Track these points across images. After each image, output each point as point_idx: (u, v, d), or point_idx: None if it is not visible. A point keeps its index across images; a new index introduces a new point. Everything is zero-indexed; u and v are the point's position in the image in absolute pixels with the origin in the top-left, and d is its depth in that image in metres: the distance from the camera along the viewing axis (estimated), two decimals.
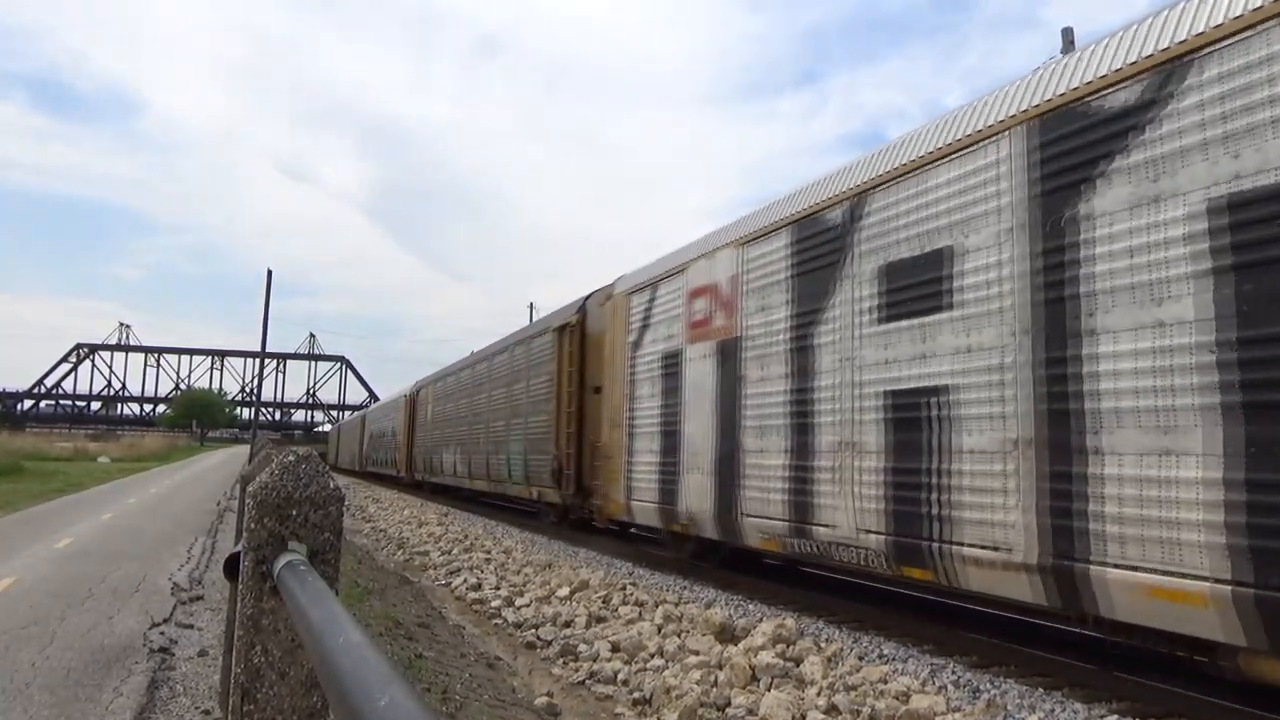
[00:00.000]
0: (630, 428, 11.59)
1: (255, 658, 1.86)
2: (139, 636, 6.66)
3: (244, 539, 1.95)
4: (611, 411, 12.28)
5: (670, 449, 10.44)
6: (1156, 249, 5.09)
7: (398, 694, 0.92)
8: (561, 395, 14.66)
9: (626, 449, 11.65)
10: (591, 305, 14.16)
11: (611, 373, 12.45)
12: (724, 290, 9.55)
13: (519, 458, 16.98)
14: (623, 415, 11.83)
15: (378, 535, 17.22)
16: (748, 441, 8.87)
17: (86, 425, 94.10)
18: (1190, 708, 5.29)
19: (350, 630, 1.20)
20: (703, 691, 5.80)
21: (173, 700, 5.17)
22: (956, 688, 5.86)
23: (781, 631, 6.93)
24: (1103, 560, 5.20)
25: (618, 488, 11.87)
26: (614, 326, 12.51)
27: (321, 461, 2.03)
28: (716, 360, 9.56)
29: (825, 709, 5.51)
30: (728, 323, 9.43)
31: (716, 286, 9.71)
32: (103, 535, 13.35)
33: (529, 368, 16.94)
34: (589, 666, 6.73)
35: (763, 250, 8.91)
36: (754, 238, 9.13)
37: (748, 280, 9.12)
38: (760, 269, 8.93)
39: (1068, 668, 6.11)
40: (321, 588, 1.56)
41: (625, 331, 12.01)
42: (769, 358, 8.63)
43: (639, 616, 8.20)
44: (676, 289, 10.65)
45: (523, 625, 8.21)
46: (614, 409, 12.19)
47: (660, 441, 10.70)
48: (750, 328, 9.00)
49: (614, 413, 12.18)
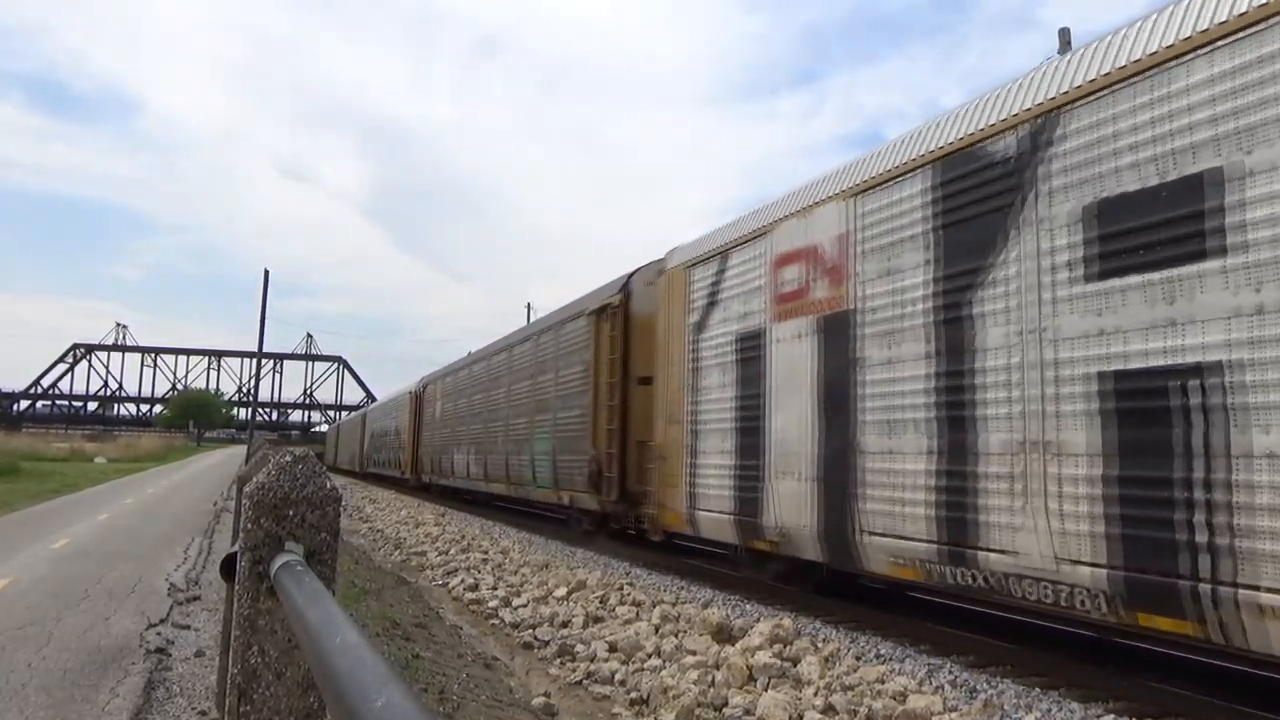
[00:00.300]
0: (693, 424, 9.96)
1: (252, 658, 1.86)
2: (135, 637, 6.65)
3: (241, 539, 1.95)
4: (667, 405, 10.61)
5: (750, 449, 8.80)
6: None
7: (395, 694, 0.92)
8: (600, 387, 12.91)
9: (688, 449, 10.00)
10: (637, 283, 12.47)
11: (666, 360, 10.78)
12: (826, 254, 7.88)
13: (545, 459, 15.16)
14: (682, 409, 10.19)
15: (375, 536, 17.21)
16: (868, 439, 7.19)
17: (83, 426, 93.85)
18: (1188, 707, 5.29)
19: (347, 630, 1.20)
20: (700, 691, 5.80)
21: (169, 701, 5.16)
22: (954, 687, 5.86)
23: (779, 631, 6.93)
24: None
25: (676, 495, 10.19)
26: (669, 306, 10.82)
27: (318, 462, 2.03)
28: (817, 340, 7.91)
29: (822, 709, 5.51)
30: (833, 293, 7.75)
31: (816, 250, 8.03)
32: (99, 536, 13.32)
33: (558, 357, 15.11)
34: (586, 666, 6.73)
35: (886, 200, 7.23)
36: (871, 186, 7.41)
37: (864, 239, 7.43)
38: (883, 224, 7.25)
39: (1065, 667, 6.12)
40: (318, 588, 1.56)
41: (684, 311, 10.36)
42: (900, 334, 6.94)
43: (636, 616, 8.20)
44: (755, 257, 8.95)
45: (520, 625, 8.21)
46: (670, 402, 10.55)
47: (735, 440, 9.07)
48: (870, 298, 7.30)
49: (670, 407, 10.54)
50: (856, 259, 7.55)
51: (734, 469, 9.06)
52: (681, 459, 10.14)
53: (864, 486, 7.18)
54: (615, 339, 12.56)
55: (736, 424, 9.10)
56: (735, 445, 9.08)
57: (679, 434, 10.26)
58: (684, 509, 10.02)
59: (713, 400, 9.62)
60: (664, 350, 10.93)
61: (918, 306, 6.81)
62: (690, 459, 9.97)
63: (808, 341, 8.09)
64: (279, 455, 2.04)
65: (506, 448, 17.72)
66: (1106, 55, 5.56)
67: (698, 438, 9.86)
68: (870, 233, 7.41)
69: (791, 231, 8.44)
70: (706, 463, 9.65)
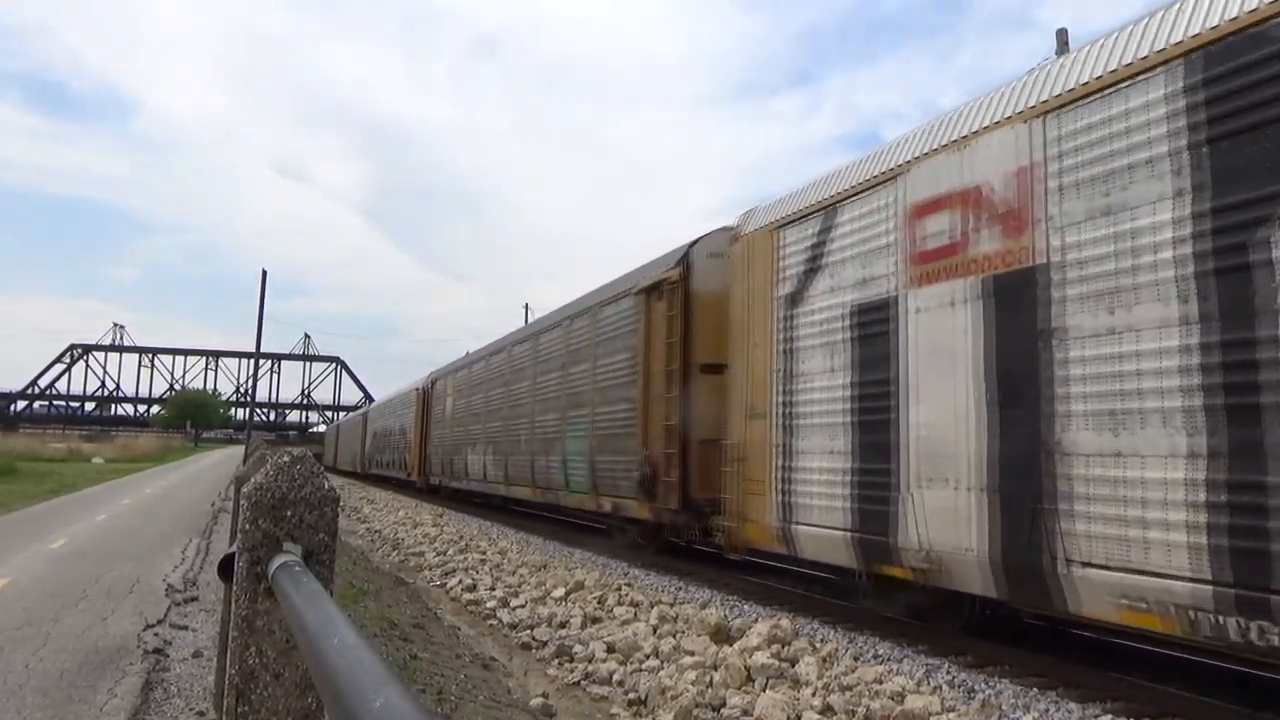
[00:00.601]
0: (786, 417, 8.33)
1: (250, 659, 1.86)
2: (133, 638, 6.64)
3: (238, 540, 1.95)
4: (748, 396, 9.04)
5: (874, 449, 7.17)
6: None
7: (393, 695, 0.92)
8: (652, 377, 11.21)
9: (779, 449, 8.38)
10: (699, 255, 10.90)
11: (745, 342, 9.17)
12: (996, 195, 6.27)
13: (581, 460, 13.39)
14: (770, 400, 8.58)
15: (373, 536, 17.20)
16: (1074, 438, 5.50)
17: (80, 426, 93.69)
18: (1184, 707, 5.30)
19: (345, 631, 1.20)
20: (698, 692, 5.81)
21: (167, 702, 5.15)
22: (951, 688, 5.87)
23: (777, 632, 6.94)
24: None
25: (761, 505, 8.54)
26: (748, 277, 9.25)
27: (316, 462, 2.03)
28: (982, 307, 6.26)
29: (820, 709, 5.52)
30: (1008, 246, 6.13)
31: (977, 192, 6.39)
32: (97, 536, 13.31)
33: (596, 344, 13.31)
34: (584, 667, 6.74)
35: (1101, 115, 5.54)
36: (1074, 100, 5.75)
37: (1061, 170, 5.78)
38: (1095, 147, 5.57)
39: (1062, 668, 6.13)
40: (316, 589, 1.56)
41: (771, 282, 8.73)
42: (1131, 293, 5.25)
43: (634, 617, 8.20)
44: (880, 208, 7.35)
45: (518, 626, 8.21)
46: (751, 392, 8.96)
47: (851, 437, 7.47)
48: (1073, 247, 5.63)
49: (751, 397, 8.95)
50: (1047, 198, 5.86)
51: (849, 473, 7.43)
52: (768, 461, 8.51)
53: (1070, 501, 5.47)
54: (673, 320, 10.84)
55: (854, 417, 7.45)
56: (851, 444, 7.46)
57: (764, 430, 8.63)
58: (773, 522, 8.33)
59: (816, 388, 7.98)
60: (741, 331, 9.30)
61: (1163, 254, 5.11)
62: (781, 460, 8.33)
63: (966, 310, 6.39)
64: (277, 456, 2.04)
65: (532, 447, 15.90)
66: None
67: (793, 434, 8.23)
68: (1073, 161, 5.72)
69: (937, 172, 6.79)
70: (807, 465, 7.98)
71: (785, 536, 8.23)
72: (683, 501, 10.34)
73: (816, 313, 8.08)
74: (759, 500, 8.64)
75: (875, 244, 7.41)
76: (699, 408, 10.32)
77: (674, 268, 11.01)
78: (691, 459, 10.33)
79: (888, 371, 7.14)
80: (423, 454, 26.58)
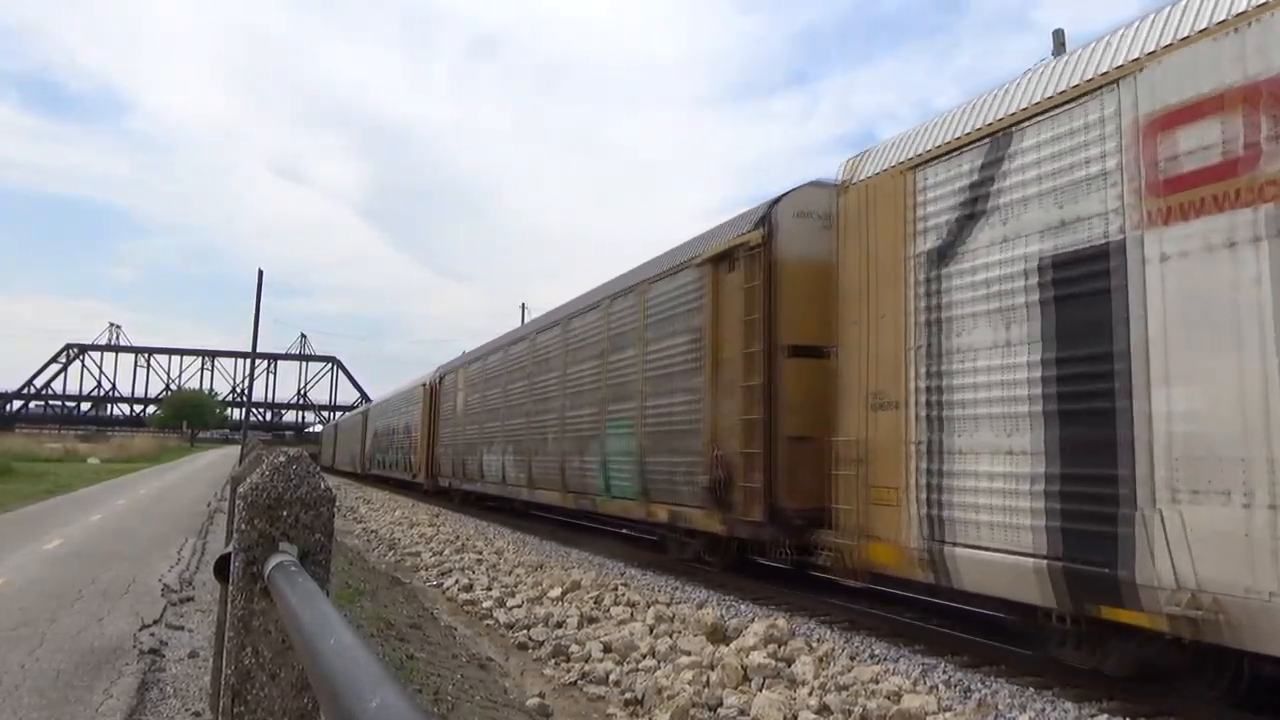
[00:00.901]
0: (934, 408, 6.67)
1: (246, 659, 1.85)
2: (129, 638, 6.63)
3: (234, 540, 1.95)
4: (870, 381, 7.36)
5: (1087, 447, 5.53)
6: None
7: (389, 695, 0.92)
8: (722, 364, 9.60)
9: (924, 447, 6.70)
10: (785, 215, 9.07)
11: (865, 315, 7.49)
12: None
13: (625, 461, 11.66)
14: (906, 386, 6.95)
15: (369, 536, 17.19)
16: None
17: (76, 426, 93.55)
18: (1179, 706, 5.31)
19: (341, 631, 1.20)
20: (695, 692, 5.81)
21: (163, 702, 5.15)
22: (948, 687, 5.88)
23: (773, 632, 6.94)
24: None
25: (895, 518, 6.92)
26: (864, 235, 7.60)
27: (312, 462, 2.03)
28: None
29: (817, 709, 5.52)
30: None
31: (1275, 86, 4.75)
32: (93, 536, 13.28)
33: (645, 327, 11.53)
34: (581, 667, 6.74)
35: None
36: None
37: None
38: None
39: (1058, 667, 6.14)
40: (312, 589, 1.56)
41: (905, 238, 7.11)
42: None
43: (631, 617, 8.20)
44: (1089, 124, 5.75)
45: (514, 626, 8.20)
46: (876, 377, 7.31)
47: (1044, 432, 5.82)
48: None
49: (876, 383, 7.31)
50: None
51: (1041, 480, 5.81)
52: (904, 463, 6.89)
53: None
54: (753, 293, 9.09)
55: (1048, 405, 5.84)
56: (1043, 441, 5.84)
57: (896, 424, 7.03)
58: (913, 541, 6.69)
59: (982, 369, 6.37)
60: (855, 302, 7.68)
61: None
62: (926, 462, 6.68)
63: (1256, 254, 4.76)
64: (273, 456, 2.04)
65: (562, 447, 14.17)
66: None
67: (944, 429, 6.57)
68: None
69: (1195, 66, 5.15)
70: (968, 469, 6.33)
71: (933, 560, 6.50)
72: (769, 512, 8.60)
73: (980, 271, 6.46)
74: (889, 513, 6.99)
75: (1079, 174, 5.78)
76: (787, 398, 8.73)
77: (752, 230, 9.23)
78: (779, 460, 8.65)
79: (1107, 343, 5.47)
80: (430, 454, 25.10)
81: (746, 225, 9.44)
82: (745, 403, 9.02)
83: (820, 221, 8.85)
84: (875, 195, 7.55)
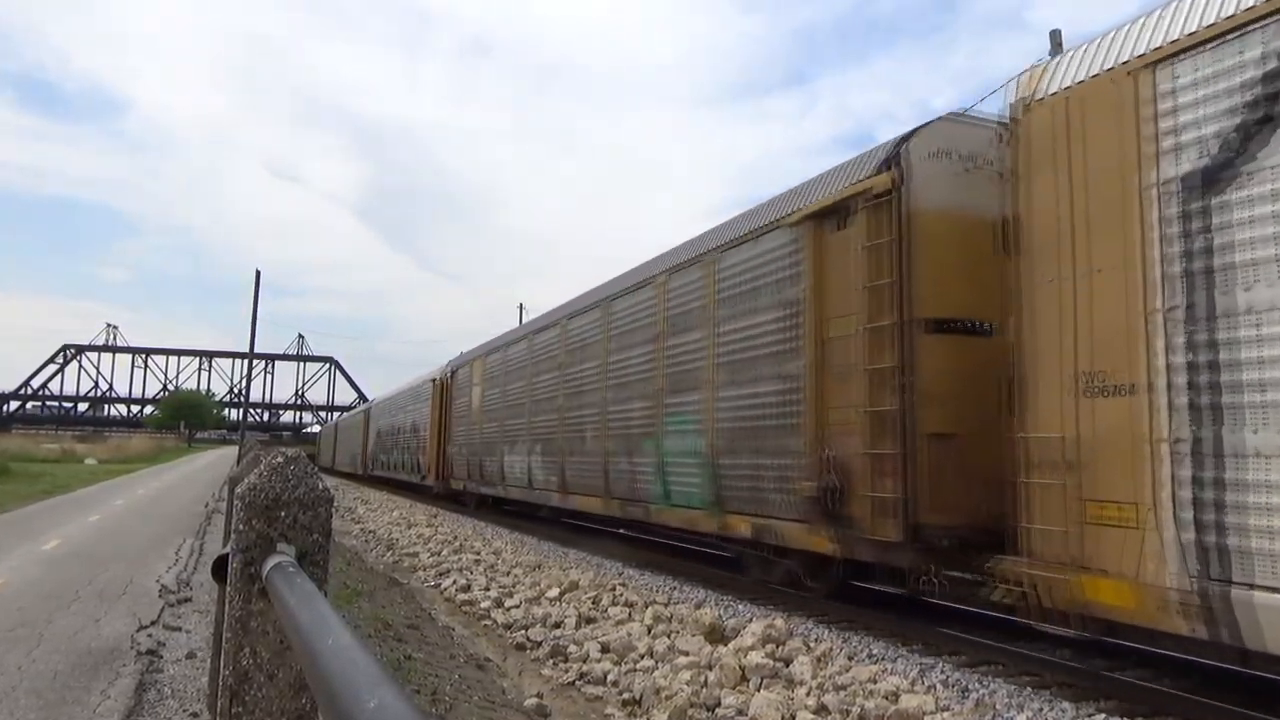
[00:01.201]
0: (1206, 391, 4.93)
1: (244, 660, 1.85)
2: (126, 639, 6.62)
3: (232, 540, 1.95)
4: (1081, 358, 5.68)
5: None
6: None
7: (387, 696, 0.92)
8: (830, 343, 7.88)
9: (1185, 446, 4.99)
10: (919, 155, 7.38)
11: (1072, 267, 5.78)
12: None
13: (691, 463, 10.02)
14: (1149, 364, 5.25)
15: (367, 537, 17.18)
16: None
17: (73, 427, 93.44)
18: (1178, 706, 5.32)
19: (339, 632, 1.20)
20: (693, 692, 5.81)
21: (160, 703, 5.14)
22: (945, 687, 5.89)
23: (771, 632, 6.95)
24: None
25: (1133, 544, 5.22)
26: (1066, 163, 5.87)
27: (310, 462, 2.03)
28: None
29: (815, 709, 5.53)
30: None
31: None
32: (90, 537, 13.26)
33: (717, 303, 9.82)
34: (579, 667, 6.74)
35: None
36: None
37: None
38: None
39: (1056, 667, 6.15)
40: (310, 589, 1.56)
41: (1137, 160, 5.40)
42: None
43: (629, 617, 8.20)
44: None
45: (512, 626, 8.20)
46: (1091, 352, 5.62)
47: None
48: None
49: (1092, 360, 5.62)
50: None
51: None
52: (1147, 469, 5.19)
53: None
54: (880, 254, 7.36)
55: None
56: None
57: (1130, 416, 5.33)
58: (1170, 579, 4.99)
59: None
60: (1048, 254, 5.98)
61: None
62: (1193, 469, 4.95)
63: None
64: (271, 456, 2.04)
65: (604, 446, 12.47)
66: None
67: (1226, 422, 4.82)
68: None
69: None
70: (1271, 480, 4.58)
71: (1206, 608, 4.79)
72: (910, 530, 6.90)
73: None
74: (1120, 538, 5.31)
75: None
76: (927, 385, 7.07)
77: (875, 175, 7.53)
78: (919, 464, 6.99)
79: None
80: (441, 454, 23.27)
81: (866, 169, 7.72)
82: (872, 391, 7.32)
83: (962, 163, 7.37)
84: (1082, 109, 5.85)
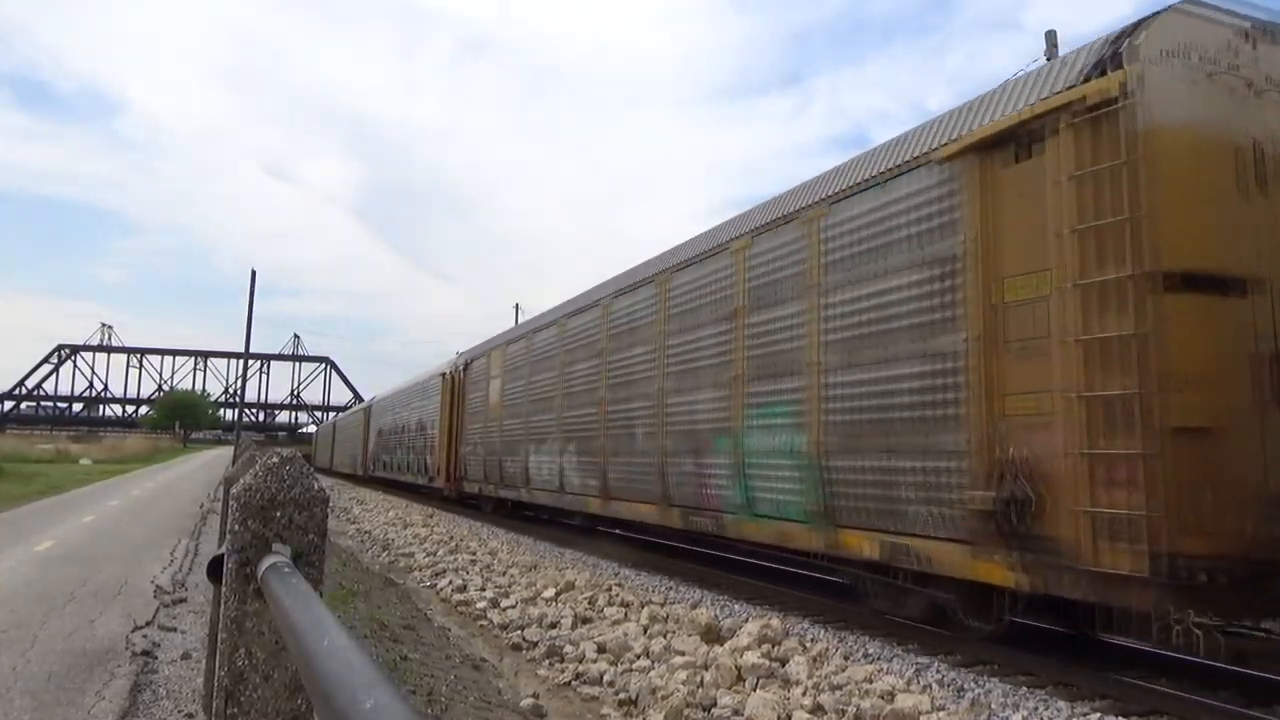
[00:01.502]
0: None
1: (239, 660, 1.85)
2: (121, 640, 6.61)
3: (228, 541, 1.95)
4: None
5: None
6: None
7: (383, 696, 0.92)
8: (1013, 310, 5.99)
9: None
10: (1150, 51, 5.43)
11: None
12: None
13: (785, 465, 8.23)
14: None
15: (362, 537, 17.15)
16: None
17: (68, 427, 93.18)
18: (1174, 706, 5.34)
19: (335, 632, 1.20)
20: (689, 692, 5.81)
21: (155, 704, 5.13)
22: (941, 686, 5.89)
23: (767, 632, 6.95)
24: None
25: None
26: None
27: (305, 463, 2.03)
28: None
29: (811, 708, 5.53)
30: None
31: None
32: (85, 538, 13.22)
33: (824, 268, 7.97)
34: (575, 667, 6.74)
35: None
36: None
37: None
38: None
39: (1051, 666, 6.16)
40: (306, 590, 1.56)
41: None
42: None
43: (625, 617, 8.20)
44: None
45: (508, 627, 8.20)
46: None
47: None
48: None
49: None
50: None
51: None
52: None
53: None
54: (1100, 185, 5.46)
55: None
56: None
57: None
58: None
59: None
60: None
61: None
62: None
63: None
64: (266, 456, 2.04)
65: (660, 444, 10.69)
66: None
67: None
68: None
69: None
70: None
71: None
72: (1153, 559, 4.93)
73: None
74: None
75: None
76: (1173, 362, 5.14)
77: (1086, 82, 5.62)
78: (1164, 468, 5.02)
79: None
80: (453, 454, 21.58)
81: (1071, 73, 5.79)
82: (1089, 369, 5.39)
83: (1208, 67, 5.51)
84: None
